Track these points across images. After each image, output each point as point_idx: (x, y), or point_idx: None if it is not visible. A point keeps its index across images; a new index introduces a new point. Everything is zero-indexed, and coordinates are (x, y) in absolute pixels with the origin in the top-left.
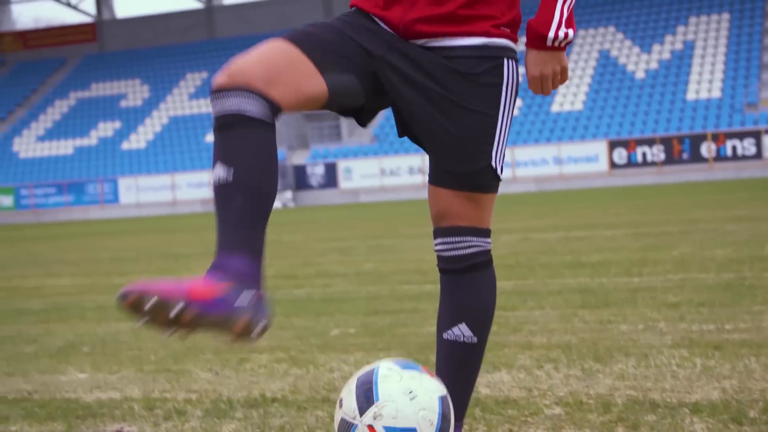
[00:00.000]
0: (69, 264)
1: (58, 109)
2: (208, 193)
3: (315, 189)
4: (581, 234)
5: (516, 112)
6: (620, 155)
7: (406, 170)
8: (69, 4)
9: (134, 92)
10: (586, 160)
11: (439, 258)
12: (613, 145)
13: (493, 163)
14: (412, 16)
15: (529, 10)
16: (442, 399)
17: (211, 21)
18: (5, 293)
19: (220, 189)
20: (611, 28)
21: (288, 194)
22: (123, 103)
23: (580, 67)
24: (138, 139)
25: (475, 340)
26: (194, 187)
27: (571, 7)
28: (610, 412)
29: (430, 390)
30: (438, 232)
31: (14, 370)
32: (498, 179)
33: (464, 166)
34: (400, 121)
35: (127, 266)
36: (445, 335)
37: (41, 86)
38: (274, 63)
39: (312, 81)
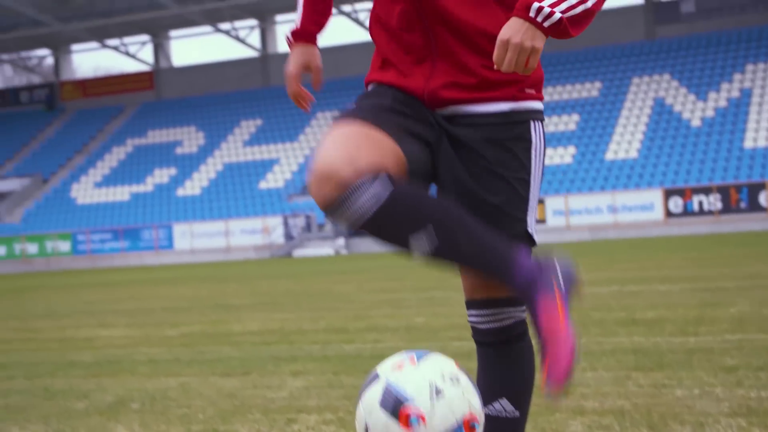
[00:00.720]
0: (122, 314)
1: (116, 155)
2: (262, 239)
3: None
4: (635, 288)
5: (569, 159)
6: (676, 204)
7: None
8: (128, 53)
9: (190, 139)
10: (642, 208)
11: (475, 330)
12: (668, 194)
13: (529, 229)
14: (436, 84)
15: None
16: None
17: (265, 69)
18: (58, 344)
19: (439, 255)
20: (666, 76)
21: (341, 241)
22: (179, 150)
23: (635, 114)
24: (193, 186)
25: (517, 414)
26: (248, 233)
27: (572, 8)
28: None
29: None
30: (472, 304)
31: (64, 427)
32: (533, 245)
33: (501, 233)
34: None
35: (180, 317)
36: (486, 410)
37: (99, 133)
38: (361, 142)
39: (397, 155)
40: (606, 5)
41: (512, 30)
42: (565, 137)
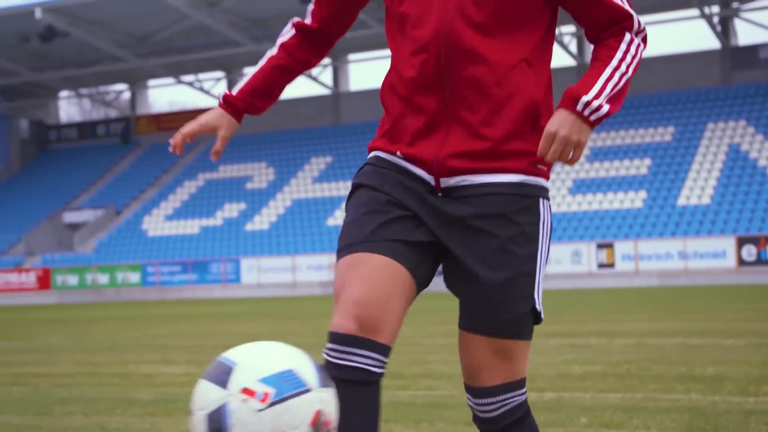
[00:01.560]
0: (185, 350)
1: (187, 189)
2: (328, 275)
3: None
4: (699, 341)
5: (640, 204)
6: (749, 252)
7: None
8: (202, 89)
9: (260, 175)
10: (713, 255)
11: (474, 416)
12: (741, 242)
13: (537, 306)
14: (448, 152)
15: (624, 111)
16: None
17: (337, 106)
18: (119, 379)
19: None
20: (742, 122)
21: None
22: (249, 185)
23: (709, 160)
24: (261, 221)
25: None
26: (314, 269)
27: (616, 87)
28: None
29: None
30: (470, 390)
31: None
32: (540, 322)
33: (509, 312)
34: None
35: None
36: None
37: (172, 167)
38: (386, 302)
39: (410, 291)
40: (683, 49)
41: (560, 123)
42: (636, 181)
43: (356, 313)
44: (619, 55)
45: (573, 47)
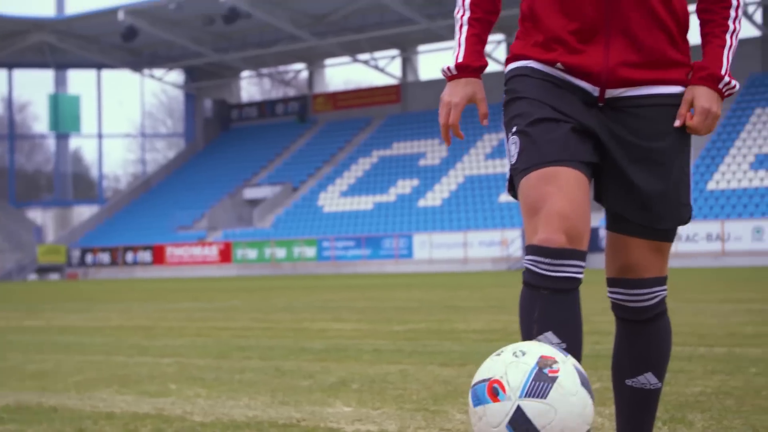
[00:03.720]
0: (355, 311)
1: (361, 166)
2: (499, 251)
3: (599, 252)
4: None
5: None
6: None
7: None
8: (377, 68)
9: (433, 151)
10: None
11: (620, 307)
12: None
13: (691, 211)
14: (616, 61)
15: None
16: None
17: None
18: (293, 333)
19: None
20: None
21: None
22: (422, 162)
23: None
24: (434, 197)
25: (659, 385)
26: (485, 245)
27: (733, 56)
28: None
29: None
30: (620, 282)
31: (289, 400)
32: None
33: (672, 220)
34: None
35: (408, 315)
36: (629, 382)
37: (347, 144)
38: (585, 213)
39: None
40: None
41: (710, 101)
42: None
43: (563, 226)
44: (730, 29)
45: (758, 17)
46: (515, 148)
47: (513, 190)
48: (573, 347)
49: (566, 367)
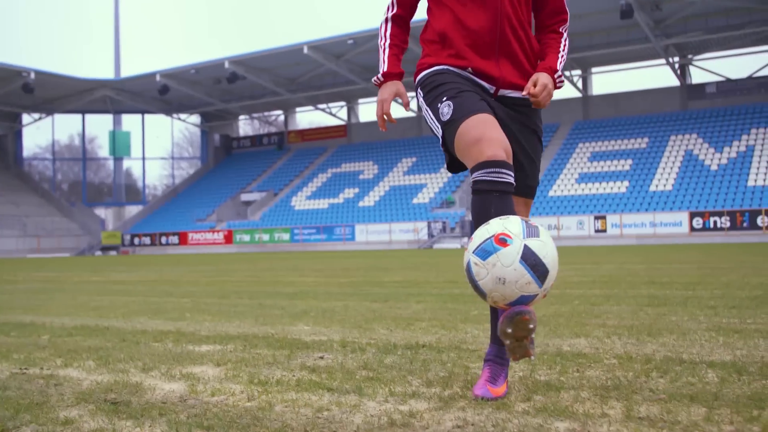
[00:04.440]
0: (315, 271)
1: (320, 179)
2: (412, 236)
3: None
4: (660, 266)
5: (624, 190)
6: (698, 222)
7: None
8: (331, 113)
9: (369, 170)
10: (673, 224)
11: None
12: (693, 215)
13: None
14: (504, 72)
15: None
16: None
17: (420, 125)
18: (272, 284)
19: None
20: (694, 135)
21: (465, 239)
22: (361, 176)
23: (671, 161)
24: (369, 200)
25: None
26: (404, 232)
27: (562, 64)
28: (649, 363)
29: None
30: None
31: (266, 322)
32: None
33: (535, 180)
34: None
35: (350, 273)
36: None
37: (311, 165)
38: (507, 140)
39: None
40: (654, 86)
41: (548, 81)
42: (622, 175)
43: (502, 146)
44: (562, 46)
45: (580, 83)
46: (448, 109)
47: (445, 144)
48: None
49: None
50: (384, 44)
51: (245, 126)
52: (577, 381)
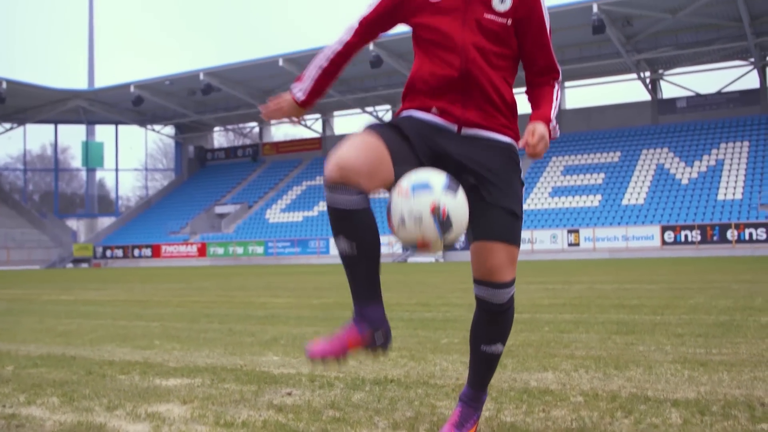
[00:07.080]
0: (288, 290)
1: (295, 192)
2: (387, 249)
3: (458, 251)
4: (630, 287)
5: (597, 203)
6: (669, 236)
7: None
8: (306, 126)
9: None
10: (645, 238)
11: (485, 304)
12: (664, 229)
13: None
14: (469, 115)
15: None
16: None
17: None
18: (244, 305)
19: (348, 259)
20: (665, 149)
21: (440, 254)
22: None
23: (643, 174)
24: None
25: (502, 350)
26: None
27: (556, 113)
28: (615, 401)
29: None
30: (490, 284)
31: (235, 351)
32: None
33: (511, 206)
34: None
35: (323, 293)
36: (484, 348)
37: (285, 177)
38: (370, 159)
39: (389, 172)
40: (626, 100)
41: (544, 132)
42: (594, 188)
43: (346, 163)
44: (555, 96)
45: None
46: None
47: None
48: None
49: None
50: (321, 65)
51: (220, 138)
52: (543, 423)
